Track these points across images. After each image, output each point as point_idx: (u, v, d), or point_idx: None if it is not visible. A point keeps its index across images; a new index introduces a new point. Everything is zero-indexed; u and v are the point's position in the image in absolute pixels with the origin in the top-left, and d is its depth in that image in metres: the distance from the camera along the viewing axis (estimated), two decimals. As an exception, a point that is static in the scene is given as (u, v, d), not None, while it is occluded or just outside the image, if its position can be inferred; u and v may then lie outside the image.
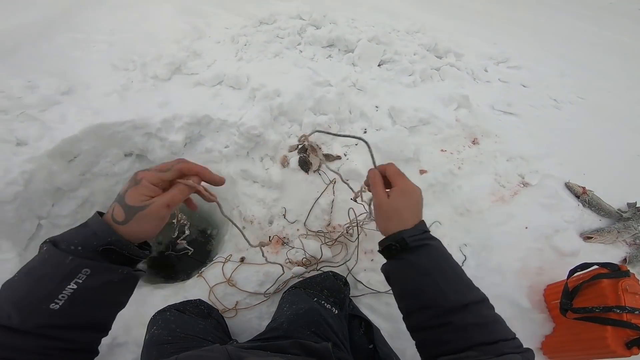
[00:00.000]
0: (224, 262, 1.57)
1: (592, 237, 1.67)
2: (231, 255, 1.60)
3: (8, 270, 1.28)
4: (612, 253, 1.71)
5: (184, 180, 0.54)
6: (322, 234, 1.66)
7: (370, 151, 0.80)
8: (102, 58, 2.14)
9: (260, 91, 1.84)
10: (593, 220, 1.80)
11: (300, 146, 1.77)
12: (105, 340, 1.27)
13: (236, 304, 1.48)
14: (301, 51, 2.27)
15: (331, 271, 1.37)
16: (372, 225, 1.66)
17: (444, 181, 1.85)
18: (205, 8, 2.89)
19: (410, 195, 0.69)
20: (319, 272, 1.52)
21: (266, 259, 1.04)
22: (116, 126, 1.70)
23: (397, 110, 1.89)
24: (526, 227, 1.70)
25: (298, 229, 1.67)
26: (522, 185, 1.94)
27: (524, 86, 2.86)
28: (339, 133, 1.37)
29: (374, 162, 0.79)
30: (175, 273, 2.08)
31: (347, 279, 1.40)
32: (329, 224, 1.68)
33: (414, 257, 0.63)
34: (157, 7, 2.78)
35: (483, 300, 0.61)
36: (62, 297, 0.46)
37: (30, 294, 0.45)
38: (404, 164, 1.83)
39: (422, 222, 0.68)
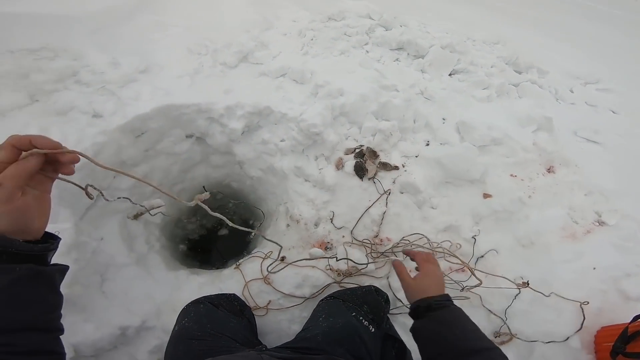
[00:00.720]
0: (264, 258, 1.55)
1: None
2: (272, 252, 1.58)
3: (63, 242, 1.32)
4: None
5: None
6: (369, 244, 1.57)
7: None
8: (177, 41, 2.23)
9: (324, 88, 1.80)
10: (670, 268, 1.55)
11: (358, 150, 1.70)
12: (134, 322, 1.27)
13: (269, 303, 1.44)
14: (368, 51, 2.18)
15: (374, 286, 1.30)
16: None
17: (511, 209, 1.67)
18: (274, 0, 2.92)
19: (434, 276, 0.89)
20: (357, 285, 1.45)
21: (208, 211, 0.72)
22: (183, 108, 1.75)
23: (467, 126, 1.73)
24: (594, 268, 1.55)
25: (344, 236, 1.60)
26: (597, 224, 1.72)
27: (613, 112, 2.51)
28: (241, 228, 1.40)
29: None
30: (212, 258, 2.13)
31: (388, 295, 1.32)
32: (376, 236, 1.59)
33: (436, 314, 0.79)
34: (231, -5, 2.85)
35: (494, 348, 0.71)
36: None
37: None
38: (467, 185, 1.69)
39: (447, 295, 0.84)
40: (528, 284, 1.29)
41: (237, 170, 2.11)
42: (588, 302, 1.40)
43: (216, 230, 2.32)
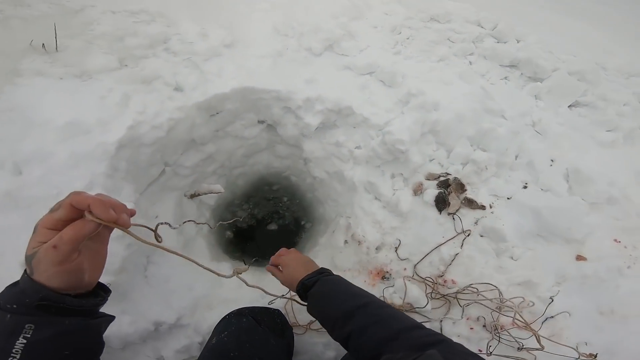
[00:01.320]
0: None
1: None
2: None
3: None
4: None
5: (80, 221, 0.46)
6: (431, 283, 1.41)
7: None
8: (264, 18, 2.11)
9: (417, 98, 1.59)
10: None
11: (443, 179, 1.50)
12: (170, 318, 1.25)
13: (310, 323, 1.36)
14: (471, 63, 1.90)
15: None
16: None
17: (605, 277, 1.42)
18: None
19: (296, 261, 1.03)
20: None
21: (246, 283, 0.88)
22: (263, 93, 1.65)
23: (582, 176, 1.45)
24: None
25: (405, 269, 1.45)
26: None
27: None
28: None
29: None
30: (255, 251, 2.08)
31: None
32: (441, 276, 1.42)
33: (313, 290, 0.87)
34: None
35: (370, 303, 0.76)
36: (16, 352, 0.45)
37: None
38: (561, 243, 1.43)
39: (318, 271, 0.93)
40: (595, 358, 1.21)
41: (300, 165, 2.02)
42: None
43: (266, 222, 2.28)
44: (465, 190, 1.47)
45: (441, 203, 1.45)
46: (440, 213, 1.46)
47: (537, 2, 3.49)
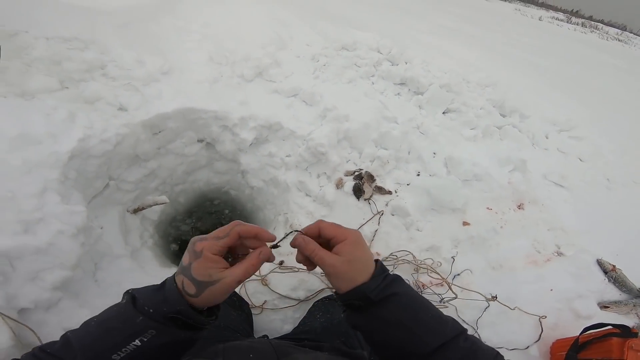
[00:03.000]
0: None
1: (609, 307, 1.78)
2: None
3: (75, 224, 1.26)
4: (623, 322, 1.74)
5: (257, 254, 0.53)
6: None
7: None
8: (196, 47, 2.36)
9: (332, 112, 1.98)
10: (613, 294, 1.86)
11: (357, 173, 1.88)
12: None
13: (264, 303, 1.55)
14: (373, 83, 2.39)
15: None
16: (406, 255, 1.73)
17: (485, 236, 1.90)
18: (291, 19, 3.10)
19: (360, 244, 0.58)
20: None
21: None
22: (202, 113, 1.88)
23: (454, 161, 1.96)
24: (551, 290, 1.80)
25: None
26: (556, 255, 1.99)
27: (581, 160, 2.82)
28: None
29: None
30: None
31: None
32: (366, 252, 1.77)
33: (381, 310, 0.56)
34: (248, 8, 3.01)
35: (462, 332, 0.58)
36: (125, 350, 0.48)
37: (97, 342, 0.49)
38: (449, 213, 1.90)
39: (379, 267, 0.59)
40: (496, 298, 1.61)
41: (238, 178, 2.25)
42: (546, 317, 1.63)
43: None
44: (375, 180, 1.87)
45: (358, 191, 1.82)
46: (359, 200, 1.83)
47: (423, 29, 4.34)
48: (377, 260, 0.59)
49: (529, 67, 4.24)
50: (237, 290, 1.54)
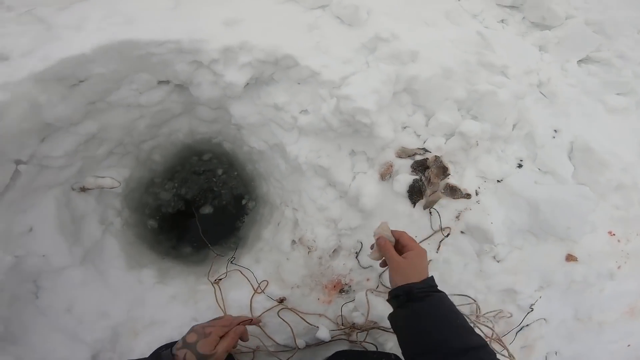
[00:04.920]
0: (254, 292, 1.10)
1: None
2: (267, 282, 1.12)
3: None
4: None
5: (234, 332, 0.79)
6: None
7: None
8: None
9: (387, 44, 1.10)
10: None
11: (420, 158, 1.10)
12: (84, 355, 1.03)
13: (257, 349, 1.10)
14: None
15: (395, 355, 1.00)
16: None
17: (592, 282, 1.25)
18: None
19: (423, 257, 0.82)
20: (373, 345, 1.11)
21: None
22: (152, 46, 1.07)
23: (592, 155, 1.12)
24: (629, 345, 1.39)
25: (368, 279, 1.14)
26: None
27: None
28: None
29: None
30: (191, 243, 1.65)
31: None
32: (413, 285, 1.13)
33: (419, 305, 0.73)
34: None
35: (484, 346, 0.68)
36: None
37: None
38: (553, 241, 1.17)
39: (431, 278, 0.78)
40: None
41: (232, 131, 1.51)
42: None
43: (198, 204, 1.79)
44: (448, 174, 1.10)
45: (416, 194, 1.08)
46: (414, 206, 1.10)
47: None
48: (432, 276, 0.78)
49: None
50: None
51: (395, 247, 0.84)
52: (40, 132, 1.08)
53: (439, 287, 0.79)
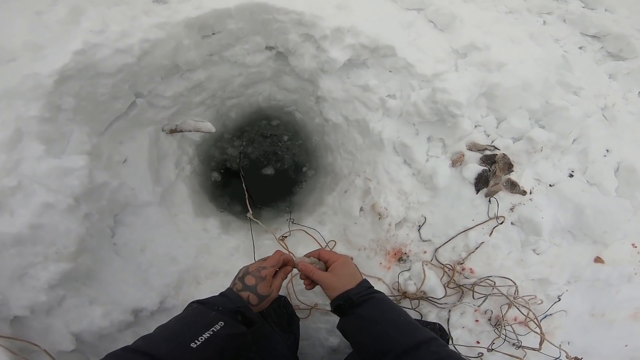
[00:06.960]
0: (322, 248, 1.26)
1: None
2: (335, 242, 1.27)
3: (71, 192, 0.88)
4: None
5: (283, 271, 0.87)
6: (451, 270, 1.29)
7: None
8: None
9: (480, 53, 1.25)
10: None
11: (490, 153, 1.26)
12: (150, 303, 1.06)
13: (315, 305, 1.24)
14: (545, 22, 1.52)
15: (439, 324, 1.14)
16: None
17: (612, 282, 1.40)
18: None
19: (349, 264, 0.87)
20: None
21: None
22: (280, 13, 1.22)
23: (634, 174, 1.29)
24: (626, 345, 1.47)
25: (425, 252, 1.30)
26: None
27: None
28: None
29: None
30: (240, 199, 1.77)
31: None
32: (461, 263, 1.30)
33: (362, 310, 0.76)
34: None
35: (434, 339, 0.69)
36: (201, 339, 0.64)
37: (179, 333, 0.67)
38: (587, 242, 1.34)
39: (365, 281, 0.83)
40: None
41: (310, 102, 1.65)
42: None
43: (261, 165, 1.94)
44: (512, 171, 1.26)
45: (482, 183, 1.24)
46: (477, 193, 1.26)
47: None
48: (365, 279, 0.84)
49: None
50: (285, 288, 1.27)
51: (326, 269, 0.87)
52: (167, 71, 1.22)
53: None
